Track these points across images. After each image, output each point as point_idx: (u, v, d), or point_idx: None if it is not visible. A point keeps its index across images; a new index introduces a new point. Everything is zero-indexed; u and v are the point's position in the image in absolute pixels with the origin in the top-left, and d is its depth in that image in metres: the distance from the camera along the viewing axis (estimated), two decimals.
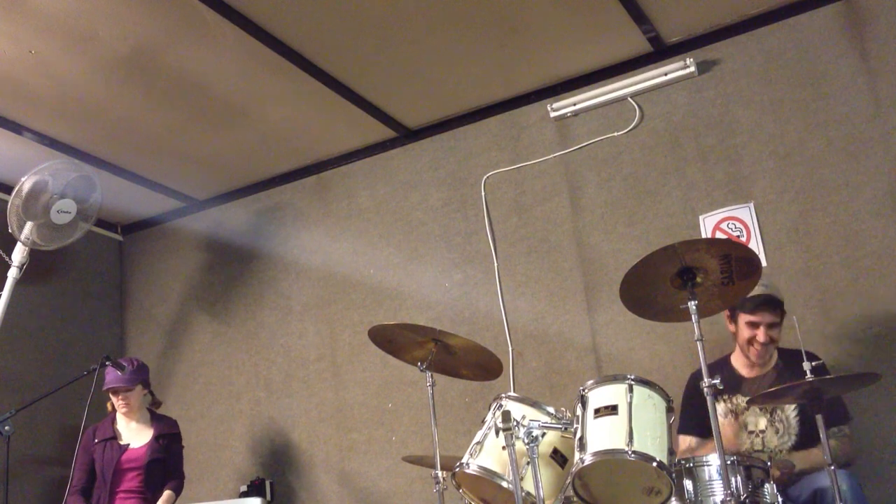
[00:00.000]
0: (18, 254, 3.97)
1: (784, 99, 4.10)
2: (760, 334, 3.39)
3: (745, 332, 3.43)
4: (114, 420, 4.44)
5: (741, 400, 3.42)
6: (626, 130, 4.42)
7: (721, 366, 3.52)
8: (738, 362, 3.54)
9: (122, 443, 4.36)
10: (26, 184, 3.91)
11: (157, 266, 5.71)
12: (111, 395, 4.40)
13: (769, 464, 3.04)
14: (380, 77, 4.45)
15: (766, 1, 4.11)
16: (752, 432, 3.37)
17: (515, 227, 4.61)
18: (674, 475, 2.62)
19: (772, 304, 3.39)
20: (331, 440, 4.85)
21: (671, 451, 2.65)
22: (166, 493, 4.27)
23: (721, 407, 3.42)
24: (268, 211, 5.39)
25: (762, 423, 3.36)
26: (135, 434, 4.40)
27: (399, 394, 4.68)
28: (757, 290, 3.14)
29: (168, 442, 4.41)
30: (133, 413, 4.41)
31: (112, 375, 4.31)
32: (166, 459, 4.38)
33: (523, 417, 2.74)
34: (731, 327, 3.51)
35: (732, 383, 3.46)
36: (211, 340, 5.40)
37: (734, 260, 2.78)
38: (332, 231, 5.14)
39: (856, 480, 3.09)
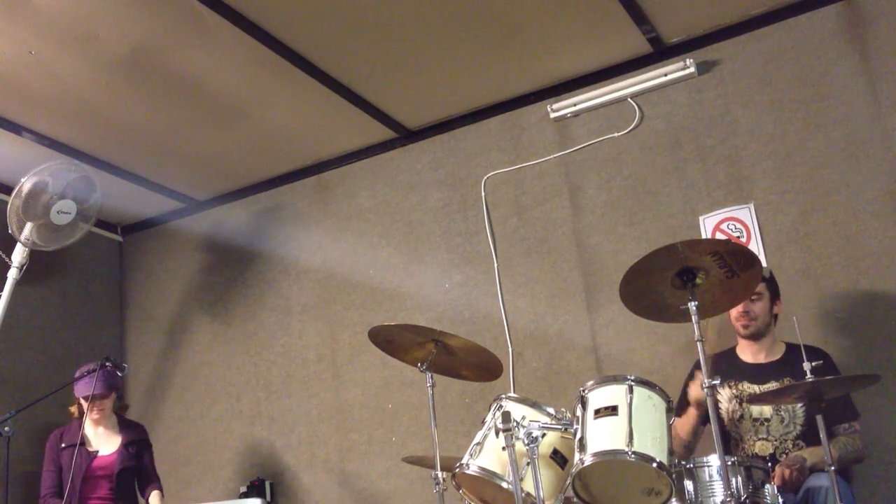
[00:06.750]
0: (18, 254, 3.98)
1: (784, 99, 4.10)
2: (742, 305, 3.41)
3: (732, 309, 3.47)
4: (80, 425, 4.24)
5: (746, 386, 3.45)
6: (626, 131, 4.42)
7: (726, 355, 3.59)
8: (743, 351, 3.59)
9: (90, 449, 4.23)
10: (26, 184, 3.92)
11: (157, 266, 5.71)
12: (82, 401, 4.23)
13: (775, 462, 3.02)
14: (380, 77, 4.45)
15: (766, 1, 4.11)
16: (756, 420, 3.38)
17: (515, 228, 4.61)
18: (674, 476, 2.62)
19: None
20: (331, 441, 4.84)
21: (671, 452, 2.66)
22: (155, 492, 4.25)
23: (726, 392, 3.46)
24: (268, 211, 5.39)
25: (767, 411, 3.38)
26: (103, 440, 4.29)
27: (399, 394, 4.68)
28: None
29: (138, 449, 4.33)
30: (103, 419, 4.31)
31: (87, 383, 4.11)
32: (138, 467, 4.31)
33: (523, 418, 2.73)
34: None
35: (737, 370, 3.51)
36: (211, 341, 5.39)
37: (726, 255, 2.80)
38: (332, 231, 5.14)
39: (848, 487, 3.10)
